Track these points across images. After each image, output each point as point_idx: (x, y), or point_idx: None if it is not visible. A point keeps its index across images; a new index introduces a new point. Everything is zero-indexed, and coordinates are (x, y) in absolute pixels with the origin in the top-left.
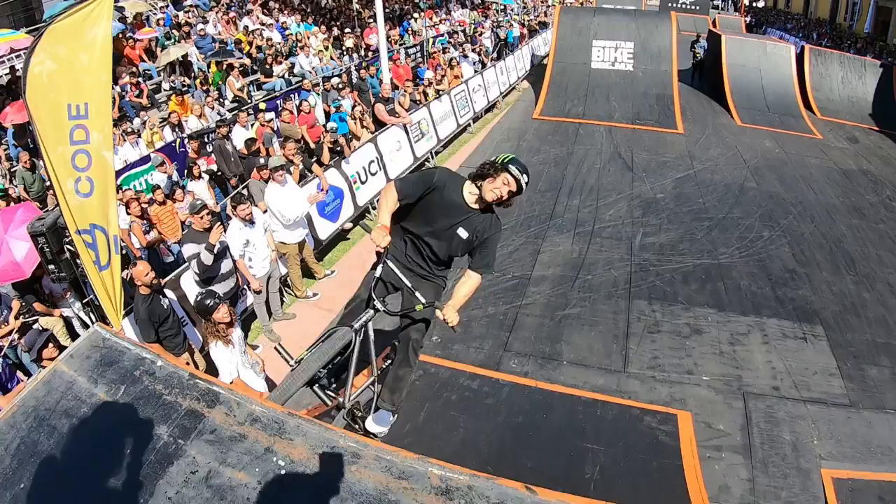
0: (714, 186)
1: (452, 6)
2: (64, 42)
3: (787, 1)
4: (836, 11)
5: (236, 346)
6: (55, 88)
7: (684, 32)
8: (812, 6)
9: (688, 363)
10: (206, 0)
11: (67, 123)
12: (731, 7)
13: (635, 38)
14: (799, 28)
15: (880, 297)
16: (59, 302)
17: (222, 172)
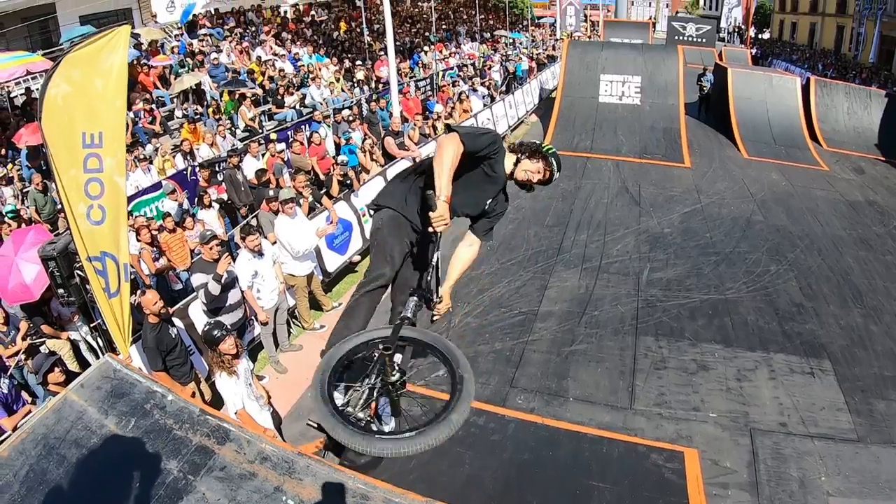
0: (721, 220)
1: (462, 40)
2: (80, 67)
3: (792, 32)
4: (840, 42)
5: (241, 378)
6: (69, 111)
7: (691, 65)
8: (817, 37)
9: (694, 400)
10: (219, 29)
11: (81, 151)
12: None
13: (643, 73)
14: (804, 59)
15: (888, 329)
16: (66, 325)
17: (232, 202)
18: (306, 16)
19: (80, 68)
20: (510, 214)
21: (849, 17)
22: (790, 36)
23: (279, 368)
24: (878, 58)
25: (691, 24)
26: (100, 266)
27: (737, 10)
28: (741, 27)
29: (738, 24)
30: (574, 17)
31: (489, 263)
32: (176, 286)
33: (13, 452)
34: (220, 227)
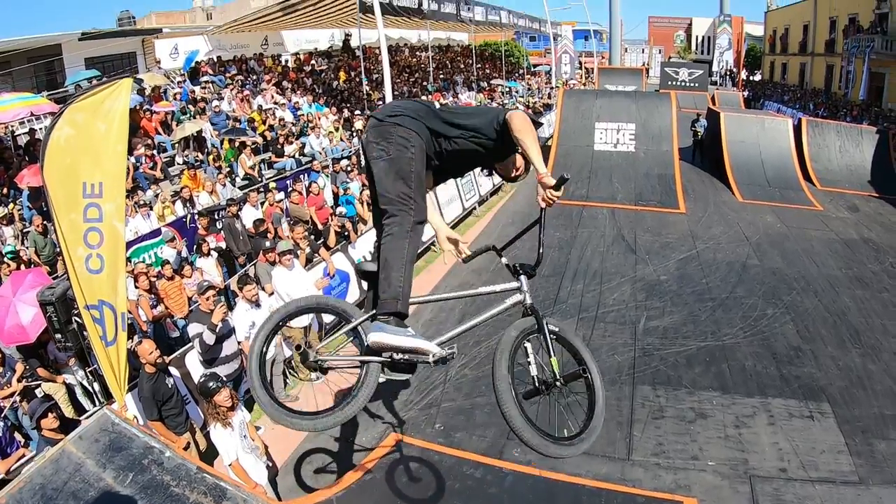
0: (717, 266)
1: (459, 89)
2: (84, 111)
3: (782, 73)
4: (830, 81)
5: (236, 430)
6: (72, 153)
7: (684, 109)
8: (807, 77)
9: (693, 448)
10: (221, 76)
11: (82, 201)
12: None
13: (636, 120)
14: (796, 99)
15: (887, 367)
16: (62, 368)
17: (231, 251)
18: (307, 65)
19: (84, 112)
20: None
21: (837, 56)
22: (781, 77)
23: None
24: (867, 94)
25: (684, 68)
26: (97, 314)
27: (728, 54)
28: (733, 70)
29: (730, 67)
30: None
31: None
32: (173, 333)
33: (11, 501)
34: (217, 276)
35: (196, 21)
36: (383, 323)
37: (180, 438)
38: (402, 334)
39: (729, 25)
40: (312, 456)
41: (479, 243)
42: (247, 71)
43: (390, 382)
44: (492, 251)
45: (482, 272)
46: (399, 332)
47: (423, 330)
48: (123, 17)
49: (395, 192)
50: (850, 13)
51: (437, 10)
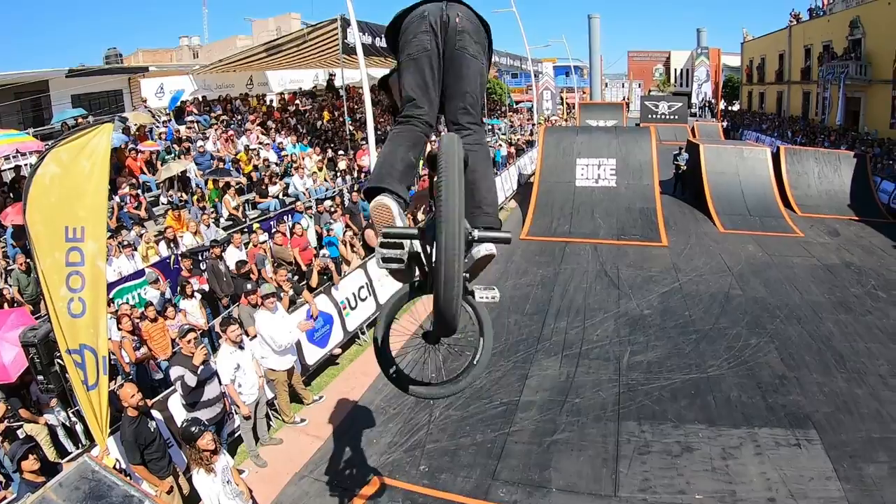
0: (700, 297)
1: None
2: (69, 151)
3: (760, 102)
4: (807, 108)
5: (219, 476)
6: (56, 192)
7: (665, 142)
8: (784, 105)
9: (679, 482)
10: (206, 116)
11: (64, 245)
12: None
13: (617, 155)
14: (774, 127)
15: (872, 390)
16: (44, 409)
17: (214, 292)
18: (291, 105)
19: (69, 153)
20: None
21: (813, 84)
22: (759, 106)
23: (259, 462)
24: (844, 120)
25: (663, 102)
26: (79, 359)
27: (706, 85)
28: (711, 101)
29: (709, 98)
30: (551, 101)
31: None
32: (156, 376)
33: None
34: (201, 318)
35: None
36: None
37: (164, 482)
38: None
39: (706, 58)
40: (297, 500)
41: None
42: (232, 111)
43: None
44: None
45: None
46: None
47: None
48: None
49: (479, 101)
50: (824, 41)
51: None
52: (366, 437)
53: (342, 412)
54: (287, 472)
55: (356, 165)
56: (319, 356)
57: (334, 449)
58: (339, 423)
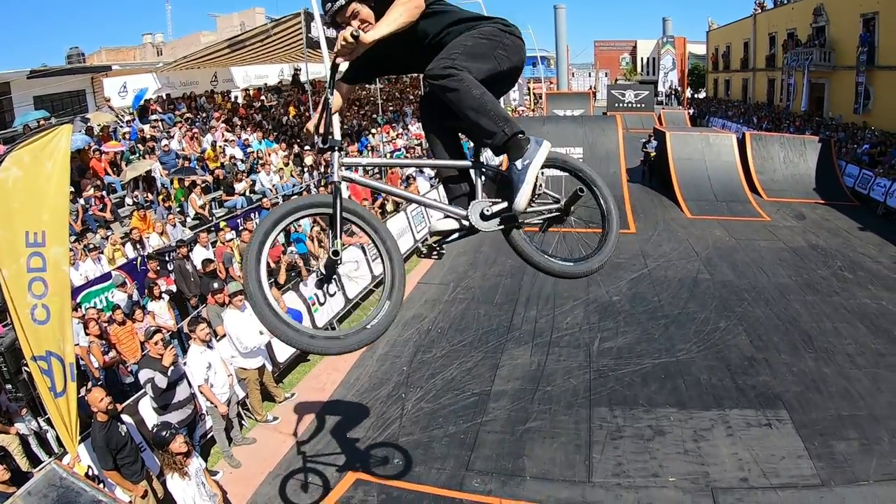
0: (668, 283)
1: (409, 120)
2: (29, 151)
3: (726, 89)
4: (772, 94)
5: (193, 479)
6: (18, 196)
7: (632, 130)
8: (750, 92)
9: (652, 466)
10: (171, 115)
11: (24, 251)
12: (674, 101)
13: (584, 144)
14: (740, 114)
15: (840, 369)
16: (14, 418)
17: (182, 293)
18: (256, 101)
19: (30, 153)
20: (459, 295)
21: (778, 70)
22: (725, 93)
23: (233, 463)
24: (809, 105)
25: (630, 90)
26: (45, 365)
27: (673, 74)
28: (678, 89)
29: (675, 86)
30: (517, 92)
31: (440, 346)
32: (126, 380)
33: None
34: (170, 319)
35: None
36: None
37: (138, 487)
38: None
39: (672, 46)
40: (272, 499)
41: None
42: (196, 108)
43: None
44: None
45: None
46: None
47: (379, 365)
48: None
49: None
50: (789, 28)
51: None
52: (339, 433)
53: (314, 409)
54: (261, 471)
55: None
56: (290, 353)
57: (308, 446)
58: (312, 420)
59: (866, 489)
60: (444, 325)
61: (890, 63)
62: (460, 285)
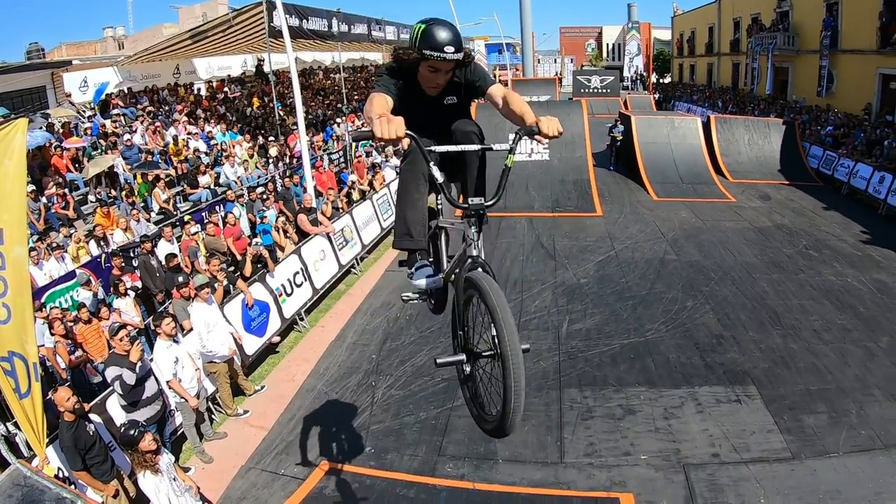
0: (635, 264)
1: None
2: None
3: (691, 74)
4: (737, 78)
5: (165, 474)
6: None
7: (598, 115)
8: (715, 76)
9: (624, 444)
10: (133, 109)
11: None
12: (640, 86)
13: None
14: (704, 98)
15: (808, 345)
16: None
17: (148, 289)
18: (220, 92)
19: None
20: None
21: (742, 55)
22: (690, 78)
23: (205, 458)
24: (773, 89)
25: (595, 76)
26: (8, 366)
27: (638, 59)
28: (643, 74)
29: (640, 71)
30: None
31: (409, 334)
32: (95, 379)
33: None
34: (136, 316)
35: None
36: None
37: (108, 486)
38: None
39: (637, 32)
40: (245, 492)
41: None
42: (159, 102)
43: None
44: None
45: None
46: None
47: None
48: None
49: None
50: (753, 13)
51: (347, 32)
52: (310, 423)
53: (285, 400)
54: (233, 465)
55: (288, 151)
56: (258, 346)
57: (279, 438)
58: (283, 412)
59: (836, 461)
60: (412, 312)
61: (853, 47)
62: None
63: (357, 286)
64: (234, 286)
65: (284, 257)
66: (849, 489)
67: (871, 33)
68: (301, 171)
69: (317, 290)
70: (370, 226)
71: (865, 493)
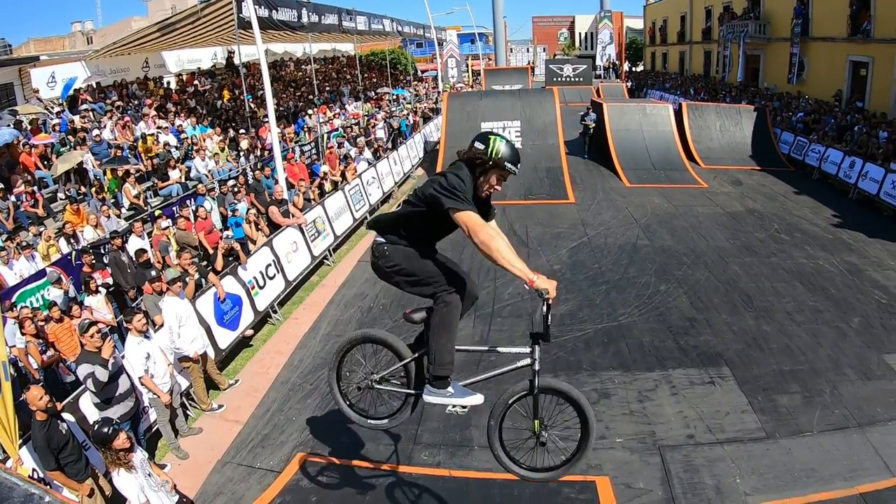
0: (608, 250)
1: (346, 100)
2: None
3: (663, 62)
4: (709, 66)
5: (139, 470)
6: None
7: (570, 104)
8: (687, 64)
9: (599, 428)
10: (101, 104)
11: None
12: (612, 75)
13: (521, 117)
14: (677, 86)
15: (781, 326)
16: None
17: (119, 285)
18: (190, 86)
19: None
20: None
21: (714, 43)
22: (662, 66)
23: (180, 454)
24: (745, 76)
25: (568, 64)
26: None
27: (610, 48)
28: (616, 63)
29: (613, 60)
30: (456, 69)
31: (383, 323)
32: (67, 378)
33: None
34: (108, 313)
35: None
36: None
37: (83, 485)
38: (446, 396)
39: (610, 21)
40: (221, 487)
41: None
42: (128, 96)
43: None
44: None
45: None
46: (443, 395)
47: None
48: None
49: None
50: (724, 1)
51: (317, 23)
52: (285, 416)
53: (259, 393)
54: (209, 460)
55: (259, 144)
56: (231, 339)
57: (254, 431)
58: (258, 405)
59: (811, 439)
60: (385, 301)
61: (823, 34)
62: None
63: (330, 277)
64: (205, 280)
65: (256, 250)
66: (823, 467)
67: (841, 21)
68: (272, 164)
69: (290, 282)
70: (342, 216)
71: (840, 470)
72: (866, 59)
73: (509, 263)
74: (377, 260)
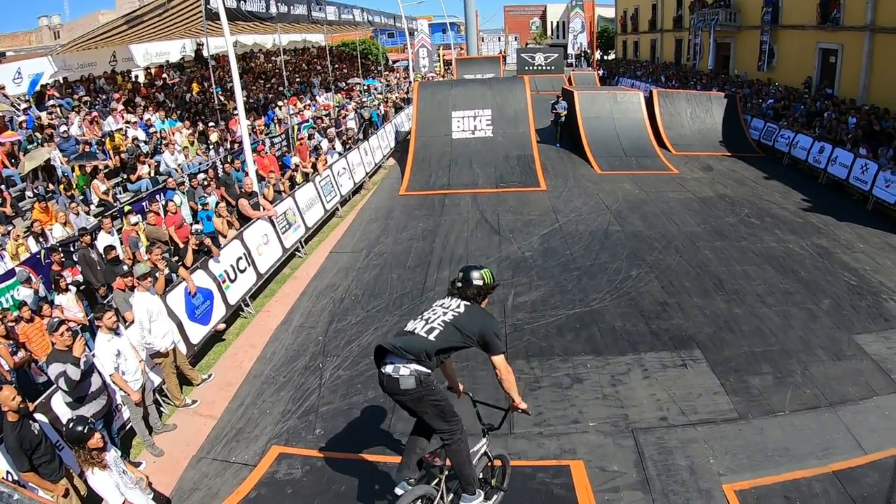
0: (579, 236)
1: (317, 91)
2: None
3: (635, 50)
4: (680, 54)
5: (113, 469)
6: None
7: (542, 92)
8: (658, 52)
9: (573, 413)
10: (69, 99)
11: None
12: (584, 63)
13: (492, 105)
14: (648, 74)
15: (752, 308)
16: None
17: (89, 283)
18: (158, 79)
19: None
20: (372, 261)
21: (685, 31)
22: (633, 54)
23: (155, 452)
24: (715, 64)
25: (539, 53)
26: None
27: (582, 36)
28: (587, 51)
29: (585, 48)
30: (427, 59)
31: (355, 314)
32: (40, 378)
33: None
34: (79, 311)
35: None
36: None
37: (58, 485)
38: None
39: (581, 10)
40: (197, 482)
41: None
42: (95, 91)
43: None
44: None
45: (349, 271)
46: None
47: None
48: None
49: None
50: None
51: (286, 13)
52: (259, 409)
53: (233, 387)
54: (184, 456)
55: (229, 137)
56: (203, 334)
57: (229, 425)
58: (231, 399)
59: (783, 419)
60: (357, 292)
61: (793, 22)
62: (373, 251)
63: (302, 269)
64: (176, 275)
65: (227, 243)
66: (796, 446)
67: (811, 9)
68: (242, 156)
69: (261, 274)
70: (314, 208)
71: (813, 448)
72: (836, 47)
73: (514, 390)
74: (420, 389)
